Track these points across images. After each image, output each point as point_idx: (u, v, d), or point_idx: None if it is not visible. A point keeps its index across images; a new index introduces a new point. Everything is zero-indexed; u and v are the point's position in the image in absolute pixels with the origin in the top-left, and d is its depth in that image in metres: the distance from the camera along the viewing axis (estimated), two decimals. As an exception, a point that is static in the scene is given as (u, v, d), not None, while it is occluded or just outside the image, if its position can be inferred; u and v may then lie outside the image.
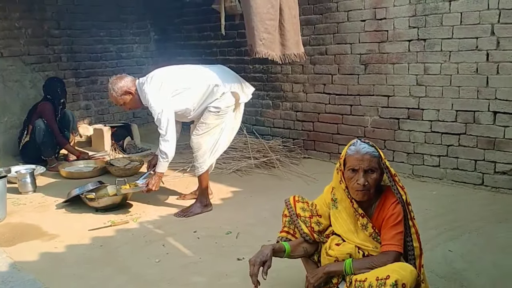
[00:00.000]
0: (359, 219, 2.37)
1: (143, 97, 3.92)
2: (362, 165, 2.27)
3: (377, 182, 2.30)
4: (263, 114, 6.17)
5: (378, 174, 2.28)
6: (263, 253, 2.36)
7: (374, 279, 2.09)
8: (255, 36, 3.92)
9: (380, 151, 2.32)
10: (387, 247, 2.23)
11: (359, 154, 2.27)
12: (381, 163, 2.28)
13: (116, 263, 3.15)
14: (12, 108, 5.91)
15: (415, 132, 4.76)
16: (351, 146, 2.32)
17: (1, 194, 3.85)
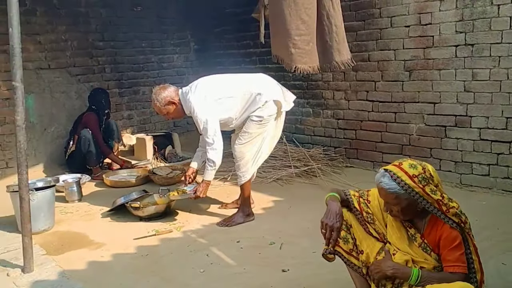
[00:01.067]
0: (408, 230, 2.30)
1: (187, 106, 3.95)
2: (381, 197, 2.26)
3: (403, 211, 2.21)
4: (303, 122, 6.12)
5: (402, 206, 2.19)
6: (337, 212, 2.35)
7: None
8: (283, 51, 4.11)
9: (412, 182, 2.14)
10: (453, 268, 2.12)
11: (378, 187, 2.24)
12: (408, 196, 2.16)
13: (162, 272, 3.16)
14: (59, 118, 6.08)
15: (463, 140, 4.61)
16: (377, 174, 2.27)
17: (50, 203, 3.95)
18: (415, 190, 2.14)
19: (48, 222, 3.94)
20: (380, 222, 2.43)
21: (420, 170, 2.18)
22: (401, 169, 2.19)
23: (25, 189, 3.12)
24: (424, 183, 2.15)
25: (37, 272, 3.16)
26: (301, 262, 3.23)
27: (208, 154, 3.89)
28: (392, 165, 2.26)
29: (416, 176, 2.16)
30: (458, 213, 2.17)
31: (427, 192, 2.15)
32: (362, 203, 2.46)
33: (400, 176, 2.17)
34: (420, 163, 2.23)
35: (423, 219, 2.29)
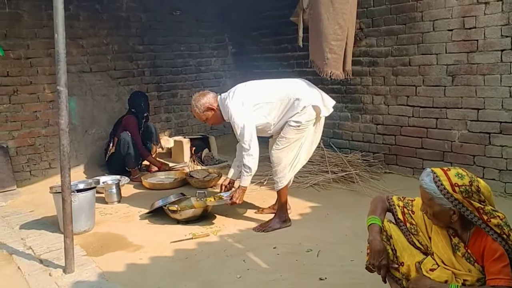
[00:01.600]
0: (452, 239, 2.24)
1: (226, 112, 3.96)
2: (420, 194, 2.23)
3: (435, 216, 2.18)
4: (341, 126, 6.04)
5: (434, 210, 2.16)
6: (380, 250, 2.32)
7: None
8: (319, 56, 4.11)
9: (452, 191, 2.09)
10: (495, 281, 2.05)
11: (420, 183, 2.21)
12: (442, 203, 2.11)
13: (199, 277, 3.17)
14: (99, 120, 6.22)
15: (508, 147, 4.44)
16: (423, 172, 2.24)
17: (90, 205, 4.03)
18: (454, 197, 2.10)
19: (89, 223, 4.02)
20: (424, 233, 2.37)
21: (465, 181, 2.12)
22: (446, 174, 2.16)
23: (68, 191, 3.19)
24: (466, 195, 2.10)
25: (78, 273, 3.22)
26: (339, 271, 3.18)
27: (244, 160, 3.89)
28: (440, 168, 2.22)
29: (458, 185, 2.11)
30: (501, 224, 2.10)
31: (469, 201, 2.09)
32: (406, 214, 2.42)
33: (442, 180, 2.13)
34: (470, 176, 2.15)
35: (468, 231, 2.22)
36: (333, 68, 4.13)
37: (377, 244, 2.33)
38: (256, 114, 3.92)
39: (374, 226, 2.39)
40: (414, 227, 2.39)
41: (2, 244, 3.81)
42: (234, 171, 4.21)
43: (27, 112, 5.66)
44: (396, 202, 2.48)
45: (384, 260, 2.32)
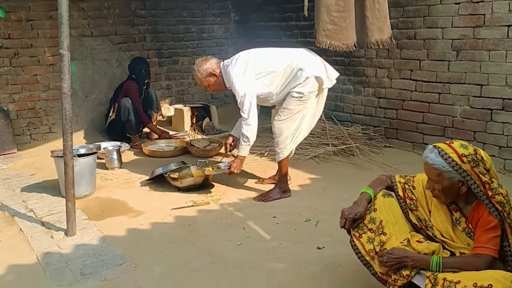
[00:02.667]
0: (453, 213, 2.28)
1: (227, 79, 3.94)
2: (425, 172, 2.25)
3: (444, 191, 2.19)
4: (343, 99, 6.02)
5: (443, 185, 2.17)
6: (358, 211, 2.41)
7: (471, 284, 1.97)
8: (319, 27, 4.04)
9: (460, 162, 2.11)
10: (481, 249, 2.10)
11: (424, 161, 2.23)
12: (451, 175, 2.12)
13: (199, 243, 3.21)
14: (100, 85, 6.18)
15: (510, 124, 4.44)
16: (425, 149, 2.25)
17: (91, 170, 4.05)
18: (463, 168, 2.11)
19: (90, 188, 4.05)
20: (423, 208, 2.40)
21: (471, 151, 2.15)
22: (451, 147, 2.17)
23: (70, 155, 3.19)
24: (474, 164, 2.12)
25: (79, 236, 3.27)
26: (336, 240, 3.22)
27: (242, 130, 3.89)
28: (442, 143, 2.24)
29: (465, 156, 2.13)
30: (503, 202, 2.12)
31: (476, 172, 2.11)
32: (407, 190, 2.45)
33: (448, 153, 2.14)
34: (472, 146, 2.19)
35: (468, 204, 2.25)
36: (333, 39, 4.08)
37: (360, 206, 2.43)
38: (258, 83, 3.89)
39: (365, 194, 2.48)
40: (414, 202, 2.42)
41: (4, 206, 3.84)
42: (237, 130, 4.20)
43: (27, 75, 5.62)
44: (398, 179, 2.52)
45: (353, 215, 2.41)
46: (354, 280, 2.71)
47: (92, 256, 2.99)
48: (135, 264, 2.90)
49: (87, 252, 3.04)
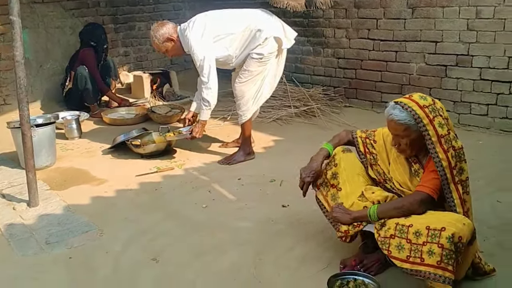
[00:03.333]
0: (413, 165, 2.35)
1: (185, 43, 3.88)
2: (390, 130, 2.28)
3: (412, 144, 2.24)
4: (303, 61, 6.04)
5: (410, 138, 2.21)
6: (312, 170, 2.49)
7: (423, 227, 2.07)
8: None
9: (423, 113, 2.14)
10: (420, 187, 2.20)
11: (387, 120, 2.26)
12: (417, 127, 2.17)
13: (165, 208, 3.23)
14: (54, 54, 5.97)
15: (463, 80, 4.60)
16: (386, 108, 2.27)
17: (50, 140, 3.96)
18: (423, 122, 2.15)
19: (50, 159, 3.97)
20: (383, 161, 2.47)
21: (430, 101, 2.21)
22: (412, 100, 2.21)
23: (27, 125, 3.11)
24: (434, 114, 2.16)
25: (42, 207, 3.22)
26: (300, 198, 3.24)
27: (202, 94, 3.87)
28: (403, 97, 2.28)
29: (426, 106, 2.18)
30: (453, 155, 2.17)
31: (434, 125, 2.15)
32: (368, 145, 2.50)
33: (411, 106, 2.18)
34: (430, 96, 2.26)
35: (426, 155, 2.32)
36: None
37: (315, 163, 2.50)
38: (217, 46, 3.86)
39: (323, 149, 2.54)
40: (375, 156, 2.49)
41: (-39, 180, 3.73)
42: (196, 105, 4.18)
43: (-24, 45, 5.37)
44: (359, 134, 2.56)
45: (310, 178, 2.49)
46: (317, 233, 2.81)
47: (57, 225, 2.97)
48: (101, 231, 2.90)
49: (51, 221, 3.01)
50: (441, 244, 2.00)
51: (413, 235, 2.09)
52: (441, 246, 2.00)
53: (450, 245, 1.98)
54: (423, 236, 2.05)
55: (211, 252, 2.67)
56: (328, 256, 2.56)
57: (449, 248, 1.99)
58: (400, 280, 2.32)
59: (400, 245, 2.13)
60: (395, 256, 2.15)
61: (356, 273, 2.31)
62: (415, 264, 2.07)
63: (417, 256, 2.07)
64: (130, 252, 2.68)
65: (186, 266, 2.53)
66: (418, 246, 2.07)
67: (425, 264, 2.04)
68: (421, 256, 2.06)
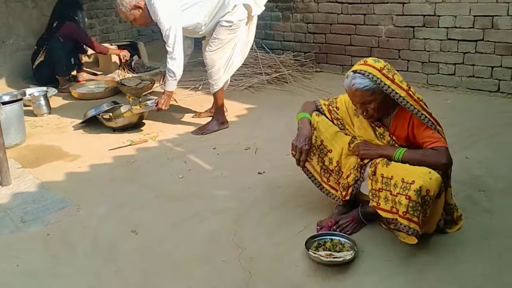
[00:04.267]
0: (376, 129, 2.41)
1: (153, 12, 3.80)
2: (356, 100, 2.30)
3: (379, 108, 2.28)
4: (272, 27, 6.00)
5: (378, 102, 2.25)
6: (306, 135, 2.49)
7: (400, 179, 2.14)
8: None
9: (382, 75, 2.20)
10: (434, 144, 2.19)
11: (351, 91, 2.28)
12: (382, 90, 2.22)
13: (141, 180, 3.22)
14: (16, 29, 5.76)
15: (431, 40, 4.65)
16: (345, 80, 2.30)
17: (19, 117, 3.87)
18: (386, 83, 2.20)
19: (19, 136, 3.89)
20: (349, 126, 2.55)
21: (383, 62, 2.28)
22: (369, 65, 2.26)
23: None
24: (392, 73, 2.24)
25: (15, 185, 3.17)
26: (276, 165, 3.34)
27: (168, 64, 3.82)
28: (357, 65, 2.31)
29: (382, 68, 2.24)
30: (423, 101, 2.27)
31: (396, 83, 2.22)
32: (332, 111, 2.58)
33: (370, 72, 2.22)
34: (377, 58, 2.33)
35: (388, 117, 2.38)
36: None
37: (306, 130, 2.51)
38: (185, 14, 3.79)
39: (304, 118, 2.56)
40: (341, 121, 2.56)
41: None
42: None
43: None
44: (323, 103, 2.63)
45: (307, 145, 2.49)
46: (293, 198, 2.85)
47: (32, 202, 2.94)
48: (78, 206, 2.88)
49: (25, 199, 2.98)
50: (409, 196, 2.08)
51: (393, 187, 2.17)
52: (408, 197, 2.09)
53: (417, 198, 2.07)
54: (398, 188, 2.14)
55: (190, 221, 2.69)
56: (304, 219, 2.61)
57: (415, 200, 2.07)
58: (375, 237, 2.40)
59: (386, 197, 2.22)
60: (383, 208, 2.25)
61: (332, 234, 2.38)
62: (395, 214, 2.18)
63: (394, 206, 2.17)
64: (108, 226, 2.68)
65: (165, 236, 2.55)
66: (394, 197, 2.16)
67: (398, 213, 2.15)
68: (395, 206, 2.16)
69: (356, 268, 2.20)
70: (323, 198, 2.77)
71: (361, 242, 2.34)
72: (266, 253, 2.34)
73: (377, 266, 2.21)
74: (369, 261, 2.24)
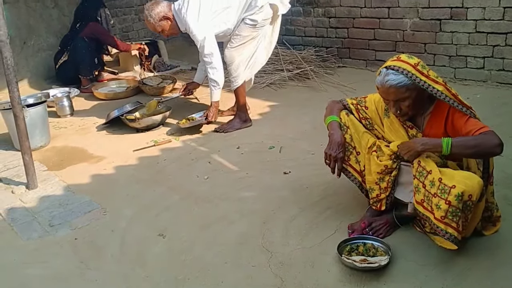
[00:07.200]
0: (408, 130, 2.33)
1: (182, 22, 3.78)
2: (389, 97, 2.20)
3: (413, 105, 2.19)
4: (293, 22, 5.92)
5: (412, 98, 2.16)
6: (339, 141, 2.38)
7: (437, 178, 2.05)
8: None
9: (416, 71, 2.12)
10: (480, 130, 2.06)
11: (384, 88, 2.18)
12: (416, 86, 2.13)
13: (167, 182, 3.19)
14: (37, 30, 5.79)
15: (458, 33, 4.52)
16: (378, 77, 2.21)
17: (43, 119, 3.87)
18: (421, 78, 2.13)
19: (44, 138, 3.90)
20: (379, 126, 2.46)
21: (417, 59, 2.21)
22: (402, 61, 2.19)
23: (19, 107, 3.03)
24: (426, 70, 2.17)
25: (42, 188, 3.17)
26: (301, 164, 3.29)
27: (209, 74, 3.82)
28: (390, 61, 2.23)
29: (417, 64, 2.17)
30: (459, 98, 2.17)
31: (432, 79, 2.15)
32: (360, 110, 2.49)
33: (405, 68, 2.15)
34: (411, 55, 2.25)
35: (422, 116, 2.30)
36: None
37: (337, 136, 2.40)
38: (215, 22, 3.76)
39: (333, 122, 2.45)
40: (370, 121, 2.47)
41: (-45, 166, 3.66)
42: (198, 74, 4.15)
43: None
44: (350, 102, 2.53)
45: (341, 153, 2.39)
46: (322, 199, 2.79)
47: (59, 206, 2.93)
48: (105, 209, 2.87)
49: (52, 203, 2.97)
50: (449, 201, 2.00)
51: (429, 182, 2.09)
52: (448, 203, 2.00)
53: (458, 203, 1.98)
54: (435, 187, 2.05)
55: (217, 224, 2.65)
56: (335, 222, 2.55)
57: (456, 206, 1.99)
58: (410, 242, 2.32)
59: (417, 187, 2.15)
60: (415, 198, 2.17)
61: (365, 237, 2.31)
62: (427, 210, 2.10)
63: (429, 204, 2.09)
64: (136, 229, 2.66)
65: (193, 239, 2.52)
66: (429, 195, 2.08)
67: (433, 213, 2.07)
68: (431, 206, 2.08)
69: (391, 274, 2.13)
70: (352, 198, 2.72)
71: (395, 246, 2.27)
72: (297, 258, 2.29)
73: (413, 271, 2.13)
74: (405, 266, 2.17)
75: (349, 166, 2.47)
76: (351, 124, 2.45)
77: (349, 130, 2.44)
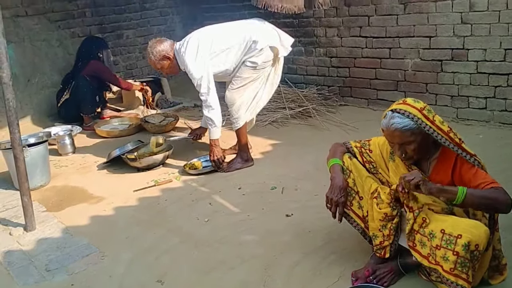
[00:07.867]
0: None
1: (181, 62, 3.82)
2: (395, 141, 2.19)
3: (419, 149, 2.16)
4: (295, 61, 5.97)
5: (418, 142, 2.14)
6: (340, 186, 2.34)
7: (438, 230, 2.02)
8: None
9: (422, 116, 2.10)
10: (490, 185, 2.03)
11: (389, 130, 2.17)
12: (422, 130, 2.11)
13: (166, 223, 3.14)
14: (42, 68, 5.84)
15: (460, 74, 4.54)
16: (383, 120, 2.20)
17: (44, 159, 3.86)
18: (426, 123, 2.11)
19: (44, 178, 3.87)
20: (383, 170, 2.43)
21: (423, 103, 2.19)
22: (408, 105, 2.17)
23: (19, 148, 3.02)
24: (432, 114, 2.15)
25: (40, 230, 3.13)
26: (304, 206, 3.24)
27: (204, 112, 3.84)
28: (396, 104, 2.22)
29: (423, 108, 2.15)
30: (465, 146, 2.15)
31: (437, 125, 2.13)
32: (364, 153, 2.46)
33: (411, 112, 2.13)
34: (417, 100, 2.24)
35: (428, 161, 2.27)
36: (285, 2, 4.11)
37: (339, 180, 2.36)
38: (214, 62, 3.80)
39: (336, 165, 2.42)
40: (374, 165, 2.44)
41: (-47, 206, 3.62)
42: (204, 119, 4.17)
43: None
44: (354, 145, 2.52)
45: (343, 197, 2.35)
46: (325, 244, 2.74)
47: (56, 249, 2.87)
48: (103, 253, 2.81)
49: (50, 246, 2.92)
50: (457, 252, 1.95)
51: (428, 235, 2.06)
52: (456, 253, 1.96)
53: (466, 253, 1.94)
54: (437, 239, 2.02)
55: (218, 269, 2.59)
56: (338, 268, 2.48)
57: (464, 256, 1.95)
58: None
59: (421, 241, 2.12)
60: (418, 250, 2.15)
61: (369, 286, 2.25)
62: (432, 264, 2.07)
63: (433, 258, 2.05)
64: (134, 274, 2.60)
65: (192, 286, 2.45)
66: (432, 248, 2.05)
67: (441, 265, 2.03)
68: (436, 259, 2.03)
69: (397, 326, 2.06)
70: (357, 244, 2.66)
71: (400, 296, 2.21)
72: (300, 307, 2.22)
73: (420, 323, 2.07)
74: (411, 318, 2.10)
75: (351, 211, 2.43)
76: (354, 168, 2.42)
77: (352, 174, 2.41)
